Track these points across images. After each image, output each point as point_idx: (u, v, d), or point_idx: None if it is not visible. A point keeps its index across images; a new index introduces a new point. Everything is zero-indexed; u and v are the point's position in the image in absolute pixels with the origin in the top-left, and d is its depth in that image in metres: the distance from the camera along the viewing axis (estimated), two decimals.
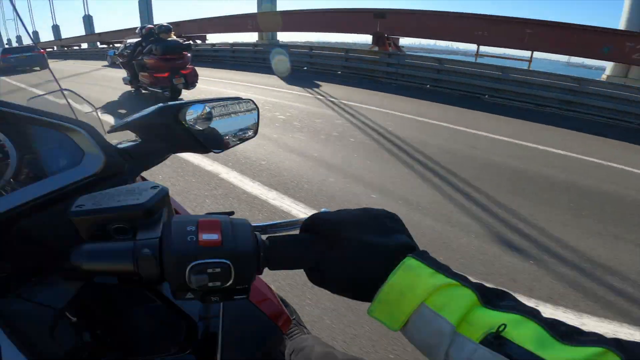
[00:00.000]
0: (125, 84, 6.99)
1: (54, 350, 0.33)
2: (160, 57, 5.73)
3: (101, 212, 0.35)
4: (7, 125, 0.45)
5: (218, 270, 0.30)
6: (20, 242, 0.38)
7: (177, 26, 13.93)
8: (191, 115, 0.53)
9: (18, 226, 0.37)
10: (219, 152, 0.58)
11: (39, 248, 0.39)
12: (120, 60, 6.74)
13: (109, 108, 5.77)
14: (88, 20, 32.02)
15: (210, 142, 0.55)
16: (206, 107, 0.55)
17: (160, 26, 6.04)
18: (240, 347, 0.45)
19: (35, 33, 38.78)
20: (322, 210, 0.37)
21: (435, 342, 0.27)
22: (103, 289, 0.41)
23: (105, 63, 13.45)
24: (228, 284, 0.31)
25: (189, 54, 6.18)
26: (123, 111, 5.62)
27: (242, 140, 0.63)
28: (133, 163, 0.48)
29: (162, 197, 0.37)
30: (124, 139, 0.53)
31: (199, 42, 14.70)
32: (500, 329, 0.25)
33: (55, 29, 33.42)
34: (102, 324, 0.41)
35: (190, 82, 6.01)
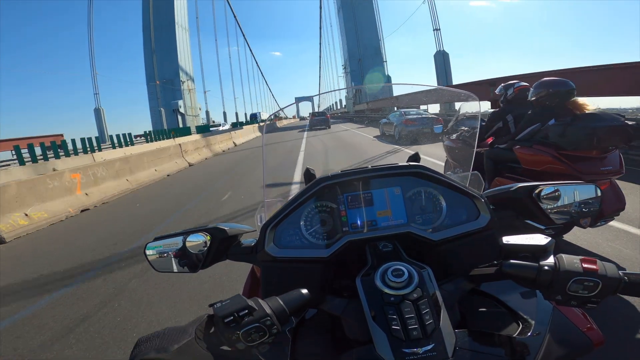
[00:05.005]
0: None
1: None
2: (561, 153, 2.32)
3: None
4: (436, 186, 0.69)
5: (591, 284, 0.47)
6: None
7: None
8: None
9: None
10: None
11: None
12: (449, 144, 3.27)
13: None
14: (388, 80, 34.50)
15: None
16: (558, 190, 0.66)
17: (561, 83, 2.56)
18: (555, 354, 0.51)
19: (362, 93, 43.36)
20: None
21: None
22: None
23: (377, 133, 11.29)
24: (593, 294, 0.47)
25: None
26: None
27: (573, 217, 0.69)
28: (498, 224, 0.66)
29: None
30: None
31: None
32: None
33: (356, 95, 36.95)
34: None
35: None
